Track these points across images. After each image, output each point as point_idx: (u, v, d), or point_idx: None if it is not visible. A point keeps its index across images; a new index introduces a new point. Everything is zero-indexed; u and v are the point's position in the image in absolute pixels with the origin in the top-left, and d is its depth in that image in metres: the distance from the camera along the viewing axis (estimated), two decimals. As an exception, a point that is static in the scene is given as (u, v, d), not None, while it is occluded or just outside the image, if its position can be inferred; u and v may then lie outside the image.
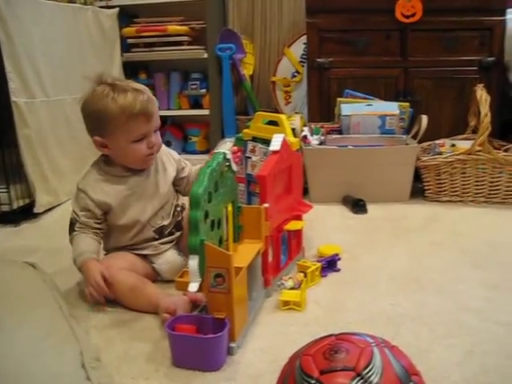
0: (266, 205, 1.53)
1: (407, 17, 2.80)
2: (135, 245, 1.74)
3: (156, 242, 1.75)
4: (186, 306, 1.47)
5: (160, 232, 1.75)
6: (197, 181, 1.25)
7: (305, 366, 0.93)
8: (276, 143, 1.64)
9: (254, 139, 2.11)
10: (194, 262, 1.22)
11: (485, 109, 2.41)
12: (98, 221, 1.69)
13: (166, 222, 1.76)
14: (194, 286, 1.24)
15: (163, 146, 1.79)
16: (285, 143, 1.68)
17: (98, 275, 1.54)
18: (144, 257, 1.74)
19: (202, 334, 1.29)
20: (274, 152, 1.63)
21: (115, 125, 1.58)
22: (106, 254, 1.78)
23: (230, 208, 1.41)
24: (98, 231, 1.69)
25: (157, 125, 1.67)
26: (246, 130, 2.17)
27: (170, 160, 1.79)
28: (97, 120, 1.61)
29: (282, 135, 1.67)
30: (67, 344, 1.26)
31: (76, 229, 1.67)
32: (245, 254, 1.44)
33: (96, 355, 1.28)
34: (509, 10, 2.83)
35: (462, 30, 2.84)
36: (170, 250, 1.76)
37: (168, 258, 1.74)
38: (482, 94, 2.47)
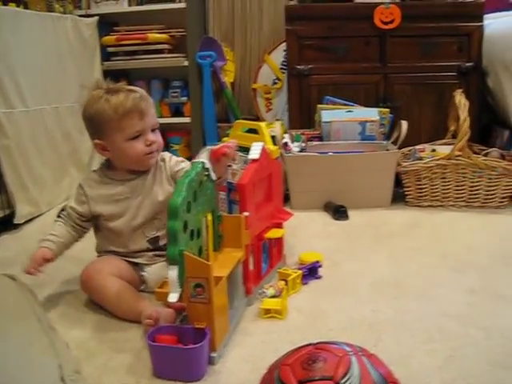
0: (245, 213, 1.53)
1: (386, 23, 2.82)
2: (129, 253, 1.74)
3: (151, 253, 1.75)
4: (170, 318, 1.46)
5: (154, 243, 1.75)
6: (175, 191, 1.25)
7: (283, 376, 0.93)
8: (255, 151, 1.65)
9: (235, 147, 2.11)
10: (173, 273, 1.22)
11: (464, 114, 2.42)
12: (83, 218, 1.73)
13: (160, 233, 1.75)
14: (173, 297, 1.24)
15: (166, 153, 1.81)
16: (264, 151, 1.68)
17: (40, 256, 1.61)
18: (135, 265, 1.74)
19: (183, 345, 1.28)
20: (254, 160, 1.64)
21: (110, 124, 1.62)
22: (98, 256, 1.79)
23: (209, 217, 1.41)
24: (77, 227, 1.73)
25: (153, 123, 1.69)
26: (225, 139, 2.16)
27: (166, 167, 1.77)
28: (94, 123, 1.66)
29: (261, 143, 1.68)
30: (46, 357, 1.25)
31: (60, 215, 1.74)
32: (225, 263, 1.44)
33: (76, 367, 1.27)
34: (486, 16, 2.86)
35: (441, 36, 2.87)
36: (163, 263, 1.75)
37: (159, 269, 1.72)
38: (460, 99, 2.49)
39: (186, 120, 3.58)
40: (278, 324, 1.52)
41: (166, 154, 1.81)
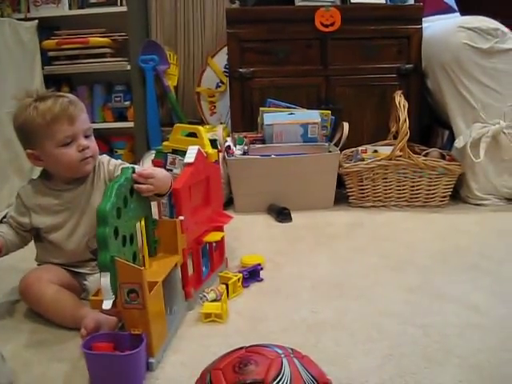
0: (181, 217, 1.51)
1: (326, 26, 2.84)
2: (71, 263, 1.70)
3: (93, 263, 1.72)
4: (112, 325, 1.43)
5: (97, 253, 1.71)
6: (104, 196, 1.23)
7: (215, 380, 0.93)
8: (190, 155, 1.64)
9: (175, 151, 2.09)
10: (105, 280, 1.21)
11: (403, 115, 2.46)
12: (23, 228, 1.68)
13: None
14: (107, 304, 1.22)
15: (104, 157, 1.76)
16: (200, 155, 1.67)
17: None
18: (77, 274, 1.70)
19: (120, 352, 1.26)
20: (188, 164, 1.63)
21: (40, 132, 1.57)
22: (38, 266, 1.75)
23: (142, 223, 1.40)
24: (18, 234, 1.68)
25: (85, 128, 1.64)
26: (165, 143, 2.15)
27: (104, 171, 1.73)
28: (24, 132, 1.61)
29: (197, 147, 1.67)
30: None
31: (3, 221, 1.70)
32: (161, 267, 1.43)
33: (11, 379, 1.25)
34: (425, 19, 2.91)
35: (381, 39, 2.89)
36: None
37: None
38: (400, 101, 2.53)
39: (130, 124, 3.54)
40: (219, 328, 1.52)
41: (105, 158, 1.76)
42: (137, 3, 3.56)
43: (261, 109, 2.80)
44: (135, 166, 1.40)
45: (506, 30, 2.47)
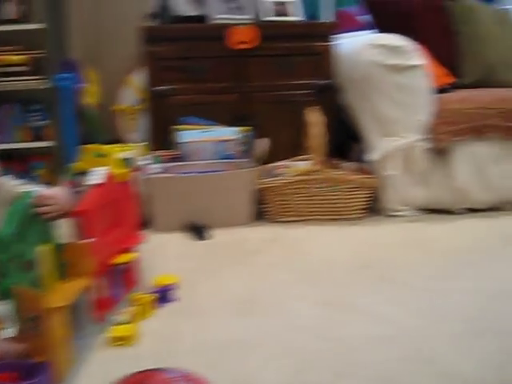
0: (88, 240, 1.50)
1: (242, 43, 2.86)
2: None
3: None
4: (20, 354, 1.40)
5: None
6: (3, 222, 1.21)
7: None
8: (95, 177, 1.62)
9: (86, 172, 2.07)
10: (5, 308, 1.18)
11: (317, 130, 2.51)
12: None
13: None
14: (8, 332, 1.20)
15: (1, 178, 1.71)
16: (108, 176, 1.66)
17: None
18: None
19: (26, 381, 1.23)
20: (94, 186, 1.61)
21: None
22: None
23: (47, 247, 1.38)
24: None
25: None
26: (77, 164, 2.13)
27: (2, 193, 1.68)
28: None
29: (104, 168, 1.66)
30: None
31: None
32: (68, 292, 1.41)
33: None
34: (340, 36, 2.99)
35: (296, 56, 2.95)
36: None
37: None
38: (313, 117, 2.57)
39: (48, 144, 3.48)
40: (130, 350, 1.50)
41: (2, 180, 1.72)
42: (55, 20, 3.51)
43: (177, 127, 2.79)
44: (35, 189, 1.37)
45: (412, 46, 2.55)
